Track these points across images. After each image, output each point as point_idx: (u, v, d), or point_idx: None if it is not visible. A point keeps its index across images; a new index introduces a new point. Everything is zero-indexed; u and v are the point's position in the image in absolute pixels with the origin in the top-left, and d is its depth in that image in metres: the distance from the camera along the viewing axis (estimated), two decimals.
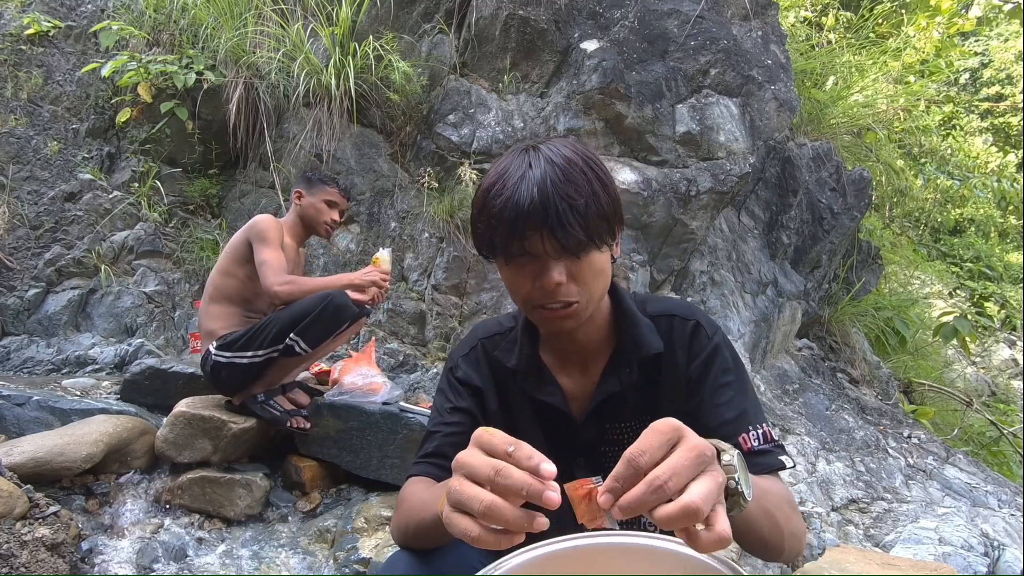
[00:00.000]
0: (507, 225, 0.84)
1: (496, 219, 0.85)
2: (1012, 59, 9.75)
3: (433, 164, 3.60)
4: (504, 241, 0.85)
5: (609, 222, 0.87)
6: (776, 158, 3.88)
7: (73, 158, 3.84)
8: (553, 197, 0.82)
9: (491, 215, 0.85)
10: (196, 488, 2.23)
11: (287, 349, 2.21)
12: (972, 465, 3.27)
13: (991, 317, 6.38)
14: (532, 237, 0.83)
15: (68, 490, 2.13)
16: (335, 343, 2.33)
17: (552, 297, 0.85)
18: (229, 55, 3.68)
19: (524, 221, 0.82)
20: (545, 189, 0.82)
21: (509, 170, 0.86)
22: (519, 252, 0.86)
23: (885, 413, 3.72)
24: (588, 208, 0.83)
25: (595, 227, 0.84)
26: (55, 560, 1.67)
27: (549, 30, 3.52)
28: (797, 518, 0.84)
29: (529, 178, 0.83)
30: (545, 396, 0.97)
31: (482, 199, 0.88)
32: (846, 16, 5.84)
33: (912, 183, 6.63)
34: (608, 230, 0.87)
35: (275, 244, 2.29)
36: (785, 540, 0.80)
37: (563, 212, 0.81)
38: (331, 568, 2.04)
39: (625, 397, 0.96)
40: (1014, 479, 3.63)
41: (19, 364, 3.38)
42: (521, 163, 0.85)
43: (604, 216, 0.85)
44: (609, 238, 0.88)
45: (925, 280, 6.50)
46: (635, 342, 0.95)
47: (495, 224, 0.85)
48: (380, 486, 2.38)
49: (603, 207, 0.85)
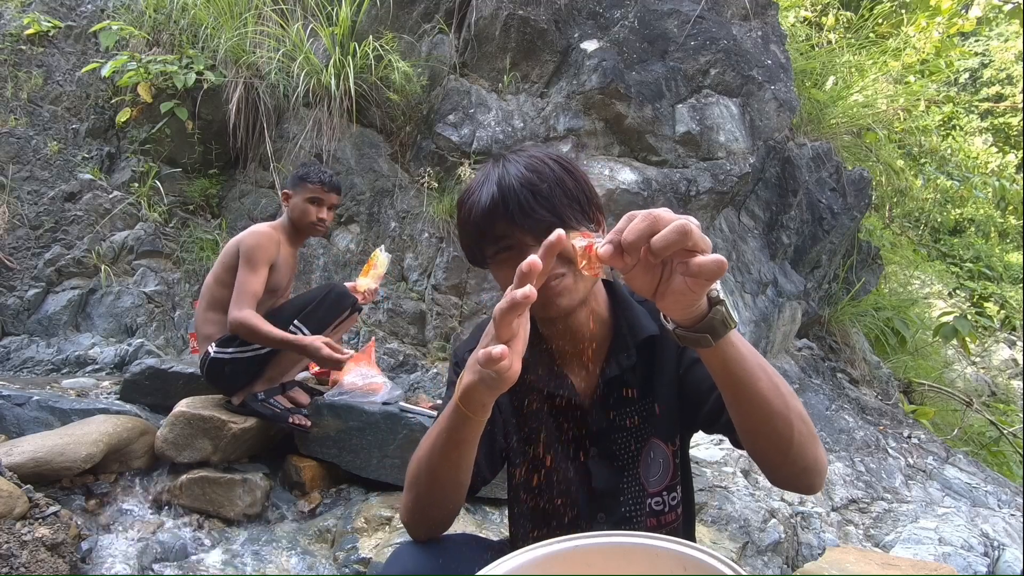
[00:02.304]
0: (476, 226, 0.90)
1: (469, 224, 0.91)
2: (1012, 59, 9.75)
3: (433, 164, 3.60)
4: (479, 241, 0.91)
5: (581, 205, 0.90)
6: (776, 158, 3.88)
7: (73, 158, 3.84)
8: (511, 188, 0.87)
9: (466, 222, 0.92)
10: (196, 488, 2.23)
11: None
12: (972, 465, 3.27)
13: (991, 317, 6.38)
14: (503, 230, 0.88)
15: (68, 490, 2.12)
16: (334, 334, 2.36)
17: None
18: (229, 55, 3.68)
19: (490, 217, 0.88)
20: (504, 184, 0.87)
21: (476, 180, 0.92)
22: (497, 248, 0.90)
23: (885, 413, 3.72)
24: (552, 191, 0.87)
25: (562, 209, 0.88)
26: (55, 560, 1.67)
27: (549, 30, 3.52)
28: (799, 403, 0.80)
29: (491, 179, 0.89)
30: (555, 388, 0.98)
31: (459, 209, 0.95)
32: (846, 16, 5.84)
33: (912, 183, 6.64)
34: (581, 212, 0.90)
35: (259, 266, 2.20)
36: (791, 413, 0.76)
37: (524, 199, 0.86)
38: (331, 568, 2.04)
39: (626, 381, 0.98)
40: (1014, 479, 3.63)
41: (19, 364, 3.38)
42: (487, 171, 0.92)
43: (573, 198, 0.89)
44: (585, 220, 0.91)
45: (925, 280, 6.50)
46: (631, 326, 0.98)
47: (469, 229, 0.92)
48: (380, 486, 2.38)
49: (570, 190, 0.89)
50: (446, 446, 0.82)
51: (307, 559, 2.10)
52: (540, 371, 0.99)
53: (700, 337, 0.71)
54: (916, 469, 3.12)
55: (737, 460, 2.82)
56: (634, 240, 0.64)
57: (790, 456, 0.78)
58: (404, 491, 0.91)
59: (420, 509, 0.90)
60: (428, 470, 0.85)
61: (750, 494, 2.54)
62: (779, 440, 0.77)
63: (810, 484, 0.81)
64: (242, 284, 2.17)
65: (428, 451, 0.85)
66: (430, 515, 0.91)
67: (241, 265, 2.20)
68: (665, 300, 0.69)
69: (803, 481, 0.81)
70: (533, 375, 0.98)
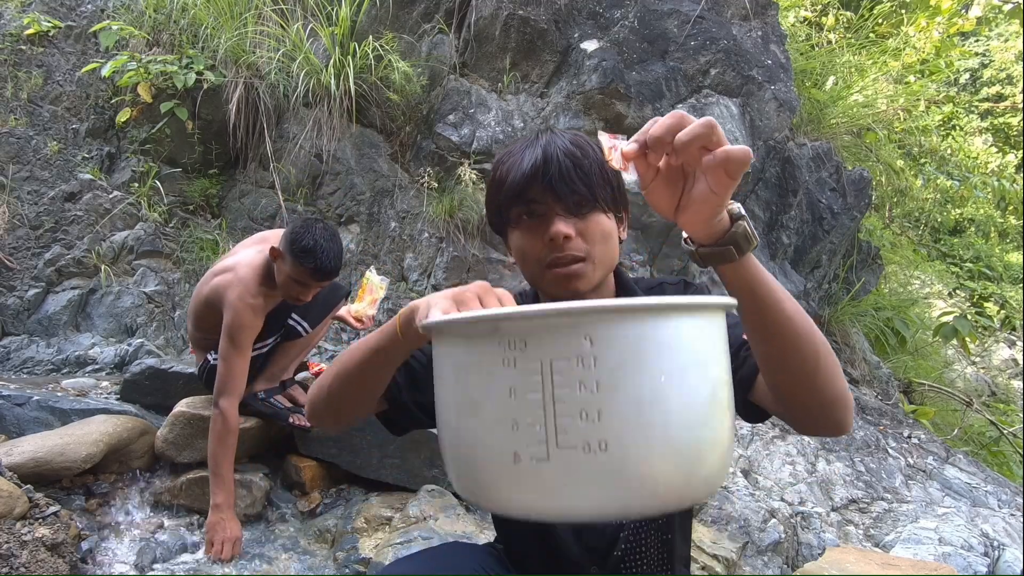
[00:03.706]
0: (513, 185, 0.89)
1: (503, 182, 0.90)
2: (1012, 59, 9.75)
3: (433, 164, 3.60)
4: (510, 201, 0.90)
5: (613, 191, 0.90)
6: (776, 158, 3.88)
7: (73, 158, 3.84)
8: (556, 155, 0.87)
9: (500, 180, 0.91)
10: (196, 488, 2.23)
11: (288, 331, 2.26)
12: (972, 465, 3.27)
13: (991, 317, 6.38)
14: (537, 194, 0.88)
15: (68, 490, 2.12)
16: (324, 328, 2.39)
17: (561, 251, 0.87)
18: (229, 55, 3.67)
19: (530, 179, 0.87)
20: (550, 150, 0.87)
21: (519, 145, 0.92)
22: (526, 211, 0.89)
23: (885, 413, 3.72)
24: (591, 169, 0.87)
25: (599, 188, 0.88)
26: (55, 560, 1.67)
27: (549, 30, 3.52)
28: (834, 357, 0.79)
29: (537, 144, 0.89)
30: None
31: (493, 171, 0.94)
32: (846, 16, 5.84)
33: (912, 183, 6.63)
34: (612, 198, 0.91)
35: (244, 347, 2.06)
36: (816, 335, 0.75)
37: (566, 168, 0.86)
38: (331, 568, 2.04)
39: None
40: (1014, 479, 3.62)
41: (19, 364, 3.37)
42: (532, 138, 0.92)
43: (607, 181, 0.89)
44: (614, 207, 0.91)
45: (925, 280, 6.50)
46: None
47: (502, 186, 0.91)
48: (380, 486, 2.38)
49: (608, 175, 0.89)
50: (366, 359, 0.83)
51: (307, 559, 2.10)
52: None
53: (724, 251, 0.71)
54: (916, 469, 3.11)
55: (737, 460, 2.82)
56: (661, 135, 0.65)
57: (818, 384, 0.77)
58: (316, 381, 0.92)
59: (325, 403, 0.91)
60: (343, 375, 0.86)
61: (750, 494, 2.54)
62: (806, 365, 0.76)
63: (838, 421, 0.79)
64: (230, 369, 2.04)
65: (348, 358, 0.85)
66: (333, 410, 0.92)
67: (226, 341, 2.05)
68: (688, 213, 0.70)
69: (832, 417, 0.79)
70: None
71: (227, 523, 2.02)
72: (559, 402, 0.54)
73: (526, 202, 0.89)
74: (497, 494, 0.59)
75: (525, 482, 0.56)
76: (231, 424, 2.03)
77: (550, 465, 0.55)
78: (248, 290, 2.06)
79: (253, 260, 2.13)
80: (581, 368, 0.54)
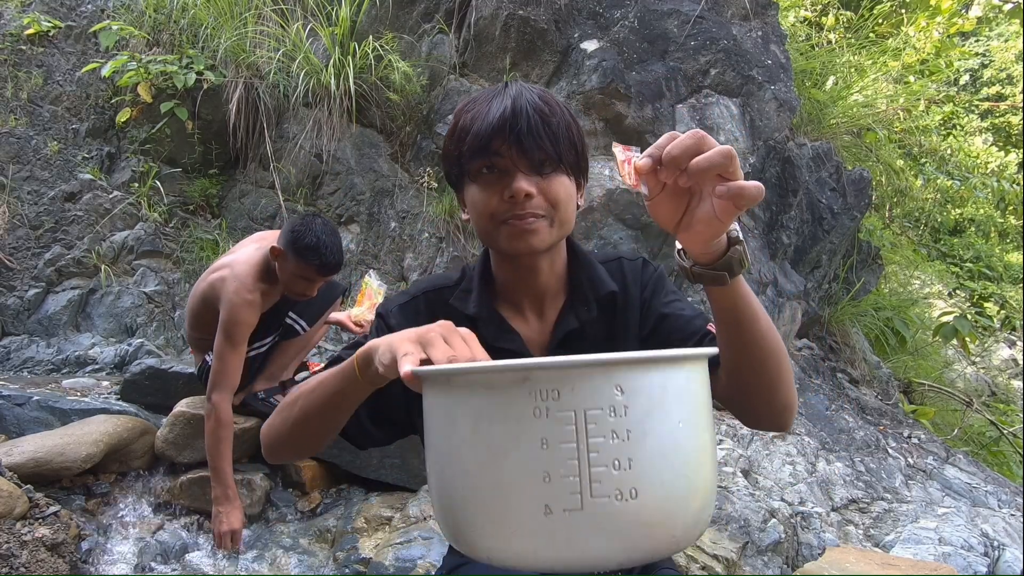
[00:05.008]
0: (477, 137, 0.84)
1: (466, 132, 0.85)
2: (1012, 59, 9.74)
3: (433, 164, 3.60)
4: (472, 154, 0.85)
5: (578, 155, 0.89)
6: (776, 158, 3.87)
7: (73, 158, 3.84)
8: (526, 109, 0.83)
9: (463, 130, 0.86)
10: (196, 488, 2.23)
11: (286, 330, 2.26)
12: (972, 465, 3.27)
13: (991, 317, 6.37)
14: (501, 148, 0.84)
15: (68, 490, 2.13)
16: (322, 328, 2.39)
17: (522, 208, 0.84)
18: (229, 55, 3.68)
19: (495, 130, 0.83)
20: (519, 103, 0.83)
21: (485, 93, 0.88)
22: (486, 165, 0.85)
23: (885, 413, 3.72)
24: (559, 128, 0.85)
25: (566, 149, 0.85)
26: (55, 560, 1.67)
27: (549, 30, 3.52)
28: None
29: (503, 95, 0.85)
30: (504, 343, 0.93)
31: (456, 119, 0.89)
32: (846, 16, 5.84)
33: (912, 183, 6.63)
34: (576, 162, 0.89)
35: (240, 343, 2.06)
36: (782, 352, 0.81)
37: (535, 124, 0.83)
38: (331, 568, 2.04)
39: (584, 334, 0.95)
40: (1014, 479, 3.62)
41: (19, 364, 3.37)
42: (499, 88, 0.88)
43: (573, 145, 0.87)
44: (576, 172, 0.90)
45: (925, 280, 6.50)
46: (591, 281, 0.96)
47: (464, 137, 0.86)
48: (380, 486, 2.38)
49: (574, 136, 0.87)
50: (325, 401, 0.79)
51: (307, 559, 2.10)
52: (491, 326, 0.94)
53: (718, 275, 0.71)
54: (916, 469, 3.11)
55: (737, 460, 2.82)
56: (678, 155, 0.64)
57: (779, 394, 0.82)
58: (272, 415, 0.88)
59: (284, 442, 0.88)
60: (300, 418, 0.82)
61: (750, 494, 2.54)
62: (771, 378, 0.80)
63: (785, 421, 0.85)
64: (224, 364, 2.03)
65: (305, 401, 0.81)
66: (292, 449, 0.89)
67: (221, 337, 2.04)
68: (689, 232, 0.70)
69: (783, 419, 0.85)
70: (485, 329, 0.92)
71: (225, 516, 2.02)
72: (593, 451, 0.55)
73: (488, 154, 0.84)
74: (521, 546, 0.57)
75: (555, 534, 0.55)
76: (224, 418, 2.02)
77: (583, 515, 0.55)
78: (244, 286, 2.06)
79: (251, 257, 2.13)
80: (613, 417, 0.55)
